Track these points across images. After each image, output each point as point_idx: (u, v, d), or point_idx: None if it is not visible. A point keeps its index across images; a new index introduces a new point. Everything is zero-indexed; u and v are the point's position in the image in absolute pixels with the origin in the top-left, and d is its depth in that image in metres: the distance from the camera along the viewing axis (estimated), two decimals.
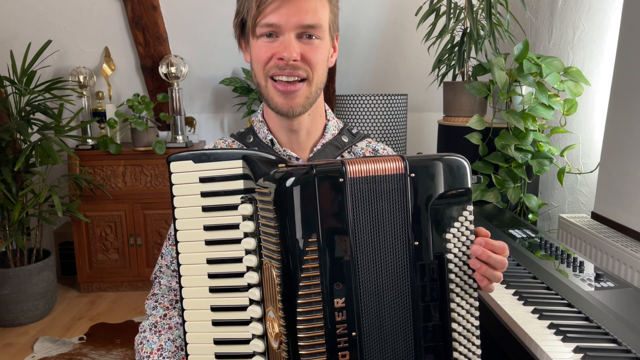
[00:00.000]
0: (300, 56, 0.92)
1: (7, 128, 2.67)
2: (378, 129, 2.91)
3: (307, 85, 0.95)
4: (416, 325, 0.79)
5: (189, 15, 3.14)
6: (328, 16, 0.95)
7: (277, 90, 0.95)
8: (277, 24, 0.90)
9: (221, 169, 0.84)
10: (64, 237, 3.41)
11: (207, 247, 0.84)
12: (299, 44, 0.92)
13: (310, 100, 0.96)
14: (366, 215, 0.77)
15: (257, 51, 0.94)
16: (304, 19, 0.90)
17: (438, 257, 0.80)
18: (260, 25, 0.91)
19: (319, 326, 0.75)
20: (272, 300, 0.78)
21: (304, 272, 0.75)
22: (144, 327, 1.03)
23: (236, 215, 0.81)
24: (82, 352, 2.52)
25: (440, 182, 0.79)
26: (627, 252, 1.73)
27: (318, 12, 0.92)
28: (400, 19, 3.16)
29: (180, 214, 0.85)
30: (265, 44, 0.93)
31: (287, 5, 0.89)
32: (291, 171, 0.76)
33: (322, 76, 0.97)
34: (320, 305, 0.75)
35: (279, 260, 0.76)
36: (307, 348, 0.75)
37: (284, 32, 0.91)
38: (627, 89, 1.93)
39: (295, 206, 0.75)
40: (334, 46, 1.02)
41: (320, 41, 0.94)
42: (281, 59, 0.91)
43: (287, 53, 0.90)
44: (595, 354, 1.08)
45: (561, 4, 2.52)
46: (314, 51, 0.93)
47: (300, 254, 0.74)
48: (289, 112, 0.96)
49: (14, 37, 3.10)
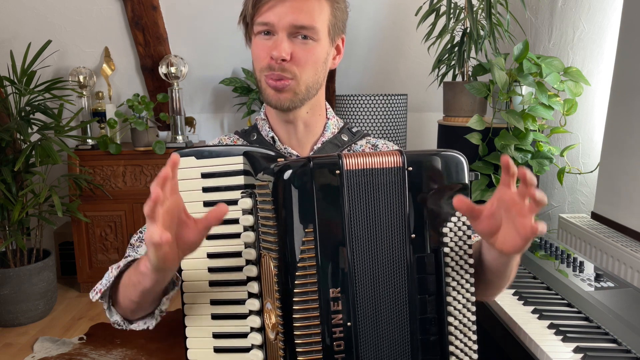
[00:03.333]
0: (290, 56, 0.92)
1: (7, 128, 2.68)
2: (378, 129, 2.91)
3: (296, 83, 0.95)
4: (412, 317, 0.80)
5: (189, 15, 3.14)
6: (327, 18, 0.95)
7: (269, 84, 0.96)
8: (271, 22, 0.91)
9: (222, 165, 0.86)
10: (64, 237, 3.41)
11: (208, 241, 0.85)
12: (292, 43, 0.92)
13: (299, 96, 0.97)
14: (363, 207, 0.78)
15: (254, 48, 0.97)
16: (297, 19, 0.91)
17: (435, 250, 0.80)
18: (257, 23, 0.93)
19: (315, 315, 0.76)
20: (270, 291, 0.79)
21: (301, 262, 0.76)
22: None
23: (236, 210, 0.82)
24: (82, 352, 2.52)
25: (438, 176, 0.80)
26: (627, 252, 1.73)
27: (314, 13, 0.92)
28: (400, 19, 3.15)
29: None
30: (261, 41, 0.94)
31: (282, 4, 0.90)
32: (289, 164, 0.78)
33: (312, 76, 0.96)
34: (316, 295, 0.76)
35: (276, 251, 0.77)
36: (302, 337, 0.76)
37: (277, 31, 0.92)
38: (627, 89, 1.93)
39: (292, 198, 0.76)
40: (338, 48, 1.02)
41: (315, 43, 0.94)
42: (272, 57, 0.92)
43: (277, 52, 0.91)
44: (595, 354, 1.08)
45: (561, 4, 2.52)
46: (306, 52, 0.93)
47: (297, 245, 0.76)
48: (277, 104, 0.97)
49: (14, 37, 3.11)
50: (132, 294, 0.87)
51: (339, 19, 0.98)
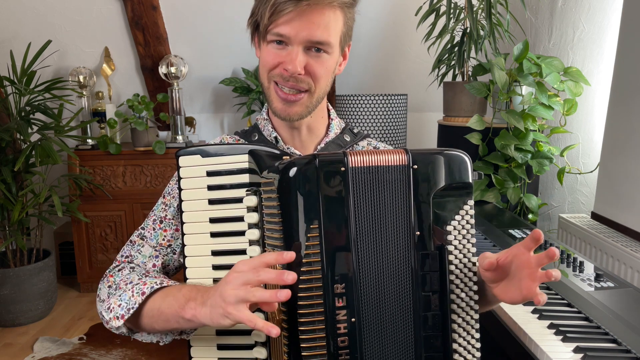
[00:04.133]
0: (304, 70, 0.92)
1: (7, 128, 2.67)
2: (378, 129, 2.92)
3: (309, 96, 0.96)
4: (416, 313, 0.80)
5: (189, 15, 3.14)
6: (340, 30, 0.94)
7: (279, 95, 0.96)
8: (287, 35, 0.90)
9: (228, 163, 0.86)
10: (64, 237, 3.41)
11: (213, 239, 0.86)
12: (306, 56, 0.92)
13: (309, 109, 0.97)
14: (368, 204, 0.79)
15: (265, 55, 0.95)
16: (313, 35, 0.90)
17: (439, 248, 0.81)
18: (271, 33, 0.92)
19: (319, 311, 0.76)
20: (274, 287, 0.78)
21: (306, 257, 0.76)
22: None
23: (241, 208, 0.83)
24: (82, 352, 2.52)
25: (443, 175, 0.81)
26: (627, 252, 1.73)
27: (330, 27, 0.91)
28: (400, 19, 3.16)
29: (187, 207, 0.88)
30: (274, 50, 0.93)
31: (300, 18, 0.89)
32: (294, 161, 0.78)
33: (325, 87, 0.97)
34: (320, 291, 0.76)
35: (281, 248, 0.77)
36: (307, 333, 0.76)
37: (293, 44, 0.91)
38: (627, 89, 1.93)
39: (297, 195, 0.77)
40: (345, 54, 1.02)
41: (329, 55, 0.94)
42: (286, 69, 0.92)
43: (292, 66, 0.91)
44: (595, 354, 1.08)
45: (561, 4, 2.52)
46: (320, 65, 0.93)
47: (302, 242, 0.76)
48: (286, 118, 0.97)
49: (14, 37, 3.10)
50: (161, 325, 0.87)
51: (349, 27, 0.98)
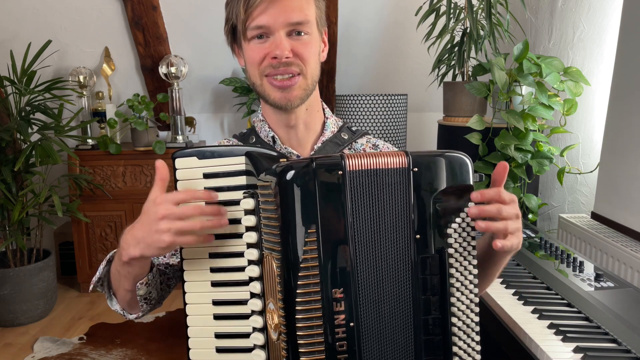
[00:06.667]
0: (292, 53, 0.95)
1: (7, 128, 2.67)
2: (378, 129, 2.91)
3: (303, 79, 0.97)
4: (416, 317, 0.80)
5: (189, 15, 3.14)
6: (314, 11, 0.98)
7: (274, 85, 0.97)
8: (266, 25, 0.93)
9: (224, 165, 0.86)
10: (64, 237, 3.41)
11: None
12: (289, 41, 0.95)
13: (307, 92, 0.99)
14: (366, 207, 0.79)
15: (250, 53, 0.97)
16: (291, 17, 0.93)
17: (439, 251, 0.80)
18: (250, 28, 0.94)
19: (317, 316, 0.76)
20: (272, 291, 0.79)
21: (304, 262, 0.76)
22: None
23: (239, 210, 0.82)
24: (82, 352, 2.52)
25: (443, 177, 0.80)
26: (627, 252, 1.73)
27: (304, 8, 0.95)
28: (400, 19, 3.16)
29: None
30: (257, 45, 0.96)
31: (274, 5, 0.93)
32: (291, 164, 0.78)
33: (315, 69, 0.99)
34: (318, 295, 0.76)
35: (279, 252, 0.77)
36: (305, 338, 0.76)
37: (274, 31, 0.94)
38: (627, 89, 1.93)
39: (295, 198, 0.76)
40: (324, 41, 1.05)
41: (309, 36, 0.97)
42: (275, 57, 0.94)
43: (280, 51, 0.93)
44: (595, 353, 1.08)
45: (561, 4, 2.52)
46: (304, 46, 0.96)
47: (300, 245, 0.76)
48: (287, 105, 0.98)
49: (14, 37, 3.10)
50: (121, 283, 0.92)
51: (322, 10, 1.01)
